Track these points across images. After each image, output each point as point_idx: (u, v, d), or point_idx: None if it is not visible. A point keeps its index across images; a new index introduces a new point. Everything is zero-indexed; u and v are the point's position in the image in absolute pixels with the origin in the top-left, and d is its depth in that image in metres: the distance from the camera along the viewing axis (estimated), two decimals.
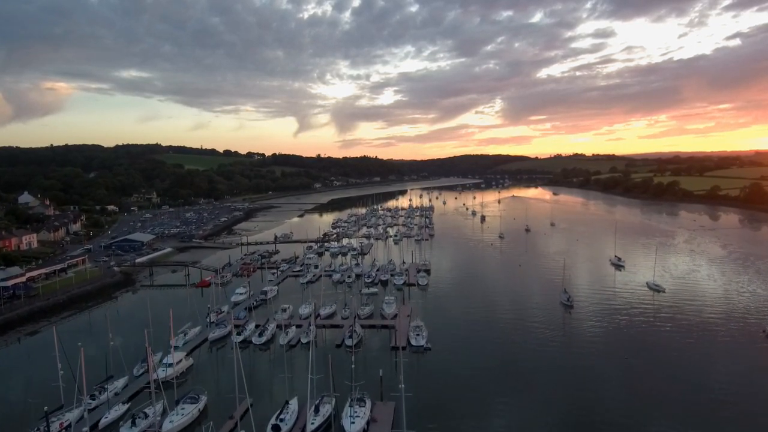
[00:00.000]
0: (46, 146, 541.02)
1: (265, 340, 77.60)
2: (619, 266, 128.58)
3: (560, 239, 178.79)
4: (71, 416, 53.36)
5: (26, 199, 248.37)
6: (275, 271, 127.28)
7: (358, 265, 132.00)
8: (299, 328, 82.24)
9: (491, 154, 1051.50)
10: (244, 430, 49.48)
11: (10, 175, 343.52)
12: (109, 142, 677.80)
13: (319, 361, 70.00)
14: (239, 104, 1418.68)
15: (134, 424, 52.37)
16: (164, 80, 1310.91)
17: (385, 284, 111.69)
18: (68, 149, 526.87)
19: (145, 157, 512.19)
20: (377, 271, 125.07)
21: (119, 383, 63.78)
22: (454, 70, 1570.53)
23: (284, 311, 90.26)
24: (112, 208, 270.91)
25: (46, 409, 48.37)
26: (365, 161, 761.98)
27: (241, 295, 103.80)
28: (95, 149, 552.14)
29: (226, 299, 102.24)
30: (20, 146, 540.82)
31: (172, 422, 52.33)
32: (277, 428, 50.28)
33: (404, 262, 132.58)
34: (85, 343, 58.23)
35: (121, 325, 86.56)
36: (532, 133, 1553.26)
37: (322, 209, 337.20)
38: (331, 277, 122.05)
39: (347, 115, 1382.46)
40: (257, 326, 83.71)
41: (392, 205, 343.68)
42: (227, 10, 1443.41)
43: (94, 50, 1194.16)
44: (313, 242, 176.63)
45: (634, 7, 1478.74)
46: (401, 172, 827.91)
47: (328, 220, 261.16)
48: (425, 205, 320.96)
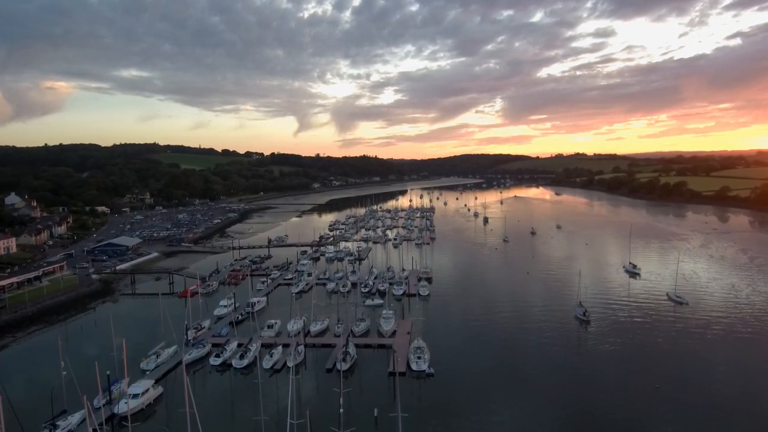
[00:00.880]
0: (40, 146, 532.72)
1: (246, 363, 68.93)
2: (634, 274, 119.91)
3: (568, 243, 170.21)
4: None
5: (13, 200, 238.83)
6: (265, 279, 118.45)
7: (354, 272, 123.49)
8: (286, 347, 73.81)
9: (491, 153, 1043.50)
10: None
11: None
12: (108, 141, 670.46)
13: (305, 393, 61.79)
14: (239, 104, 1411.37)
15: None
16: (164, 79, 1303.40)
17: (383, 294, 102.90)
18: (62, 148, 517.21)
19: (141, 156, 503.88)
20: (375, 279, 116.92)
21: (74, 419, 55.05)
22: (454, 69, 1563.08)
23: (270, 327, 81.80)
24: (102, 209, 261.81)
25: None
26: (365, 161, 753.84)
27: (225, 307, 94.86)
28: (91, 148, 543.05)
29: (208, 312, 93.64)
30: (19, 146, 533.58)
31: None
32: None
33: (404, 269, 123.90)
34: (43, 366, 49.70)
35: (90, 342, 78.18)
36: (532, 132, 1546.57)
37: (320, 210, 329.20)
38: (325, 286, 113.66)
39: (347, 114, 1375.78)
40: (239, 345, 75.34)
41: (392, 205, 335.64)
42: (227, 9, 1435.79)
43: (94, 49, 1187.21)
44: (308, 246, 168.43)
45: (634, 6, 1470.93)
46: (401, 171, 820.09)
47: (325, 221, 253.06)
48: (426, 205, 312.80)
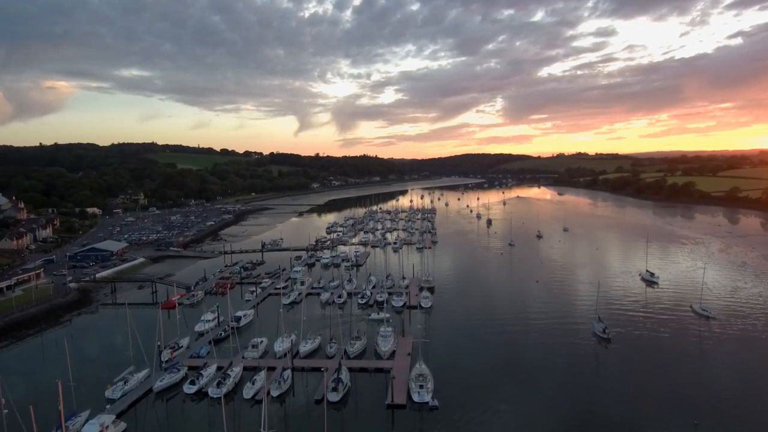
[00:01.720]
0: (34, 145, 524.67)
1: (225, 391, 60.22)
2: (651, 283, 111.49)
3: (577, 247, 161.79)
4: None
5: (0, 201, 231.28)
6: (254, 289, 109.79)
7: (351, 281, 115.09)
8: (272, 371, 65.54)
9: (492, 153, 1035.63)
10: None
11: None
12: (108, 141, 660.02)
13: (291, 429, 53.53)
14: (240, 103, 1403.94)
15: None
16: (165, 79, 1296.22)
17: (381, 306, 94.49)
18: (57, 148, 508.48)
19: (138, 156, 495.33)
20: (373, 288, 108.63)
21: None
22: (455, 68, 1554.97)
23: (255, 347, 73.40)
24: (92, 210, 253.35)
25: None
26: (365, 160, 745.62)
27: (207, 322, 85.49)
28: (87, 148, 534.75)
29: (188, 328, 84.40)
30: (18, 145, 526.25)
31: None
32: None
33: (404, 277, 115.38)
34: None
35: (51, 364, 69.89)
36: (532, 132, 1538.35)
37: (318, 211, 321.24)
38: (319, 296, 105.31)
39: (348, 114, 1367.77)
40: (219, 369, 67.07)
41: (392, 206, 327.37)
42: (228, 8, 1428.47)
43: (94, 49, 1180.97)
44: (303, 250, 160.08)
45: (635, 5, 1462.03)
46: (402, 171, 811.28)
47: (323, 222, 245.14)
48: (427, 206, 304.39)
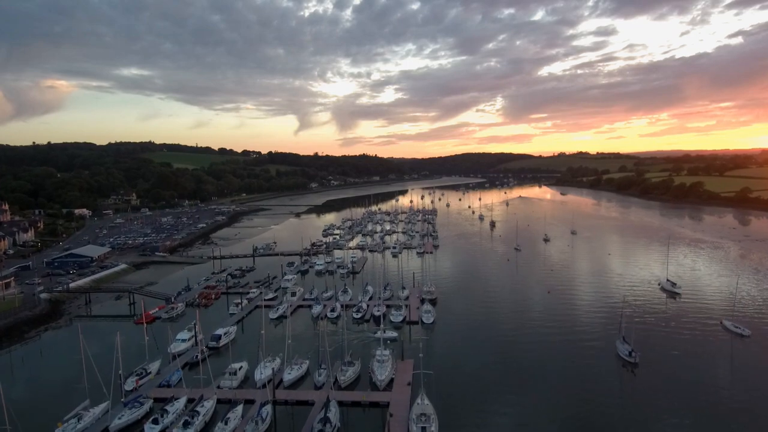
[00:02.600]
0: (28, 144, 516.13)
1: None
2: (674, 294, 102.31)
3: (588, 253, 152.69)
4: None
5: None
6: (240, 300, 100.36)
7: (346, 291, 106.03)
8: (250, 405, 56.61)
9: (492, 152, 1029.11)
10: None
11: None
12: (106, 140, 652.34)
13: None
14: (240, 102, 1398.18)
15: None
16: (165, 78, 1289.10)
17: (378, 321, 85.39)
18: (51, 147, 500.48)
19: (134, 155, 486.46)
20: (370, 299, 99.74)
21: None
22: (455, 68, 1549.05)
23: (233, 374, 64.25)
24: (80, 212, 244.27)
25: None
26: (364, 160, 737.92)
27: (183, 341, 75.83)
28: (82, 147, 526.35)
29: (159, 351, 73.62)
30: (16, 144, 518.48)
31: None
32: None
33: (404, 288, 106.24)
34: None
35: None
36: (532, 131, 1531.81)
37: (316, 211, 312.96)
38: (310, 309, 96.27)
39: (348, 113, 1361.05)
40: (190, 401, 58.11)
41: (392, 206, 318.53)
42: (228, 7, 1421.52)
43: (94, 48, 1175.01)
44: (297, 255, 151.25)
45: (636, 4, 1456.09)
46: (401, 170, 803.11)
47: (320, 224, 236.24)
48: (427, 207, 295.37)
